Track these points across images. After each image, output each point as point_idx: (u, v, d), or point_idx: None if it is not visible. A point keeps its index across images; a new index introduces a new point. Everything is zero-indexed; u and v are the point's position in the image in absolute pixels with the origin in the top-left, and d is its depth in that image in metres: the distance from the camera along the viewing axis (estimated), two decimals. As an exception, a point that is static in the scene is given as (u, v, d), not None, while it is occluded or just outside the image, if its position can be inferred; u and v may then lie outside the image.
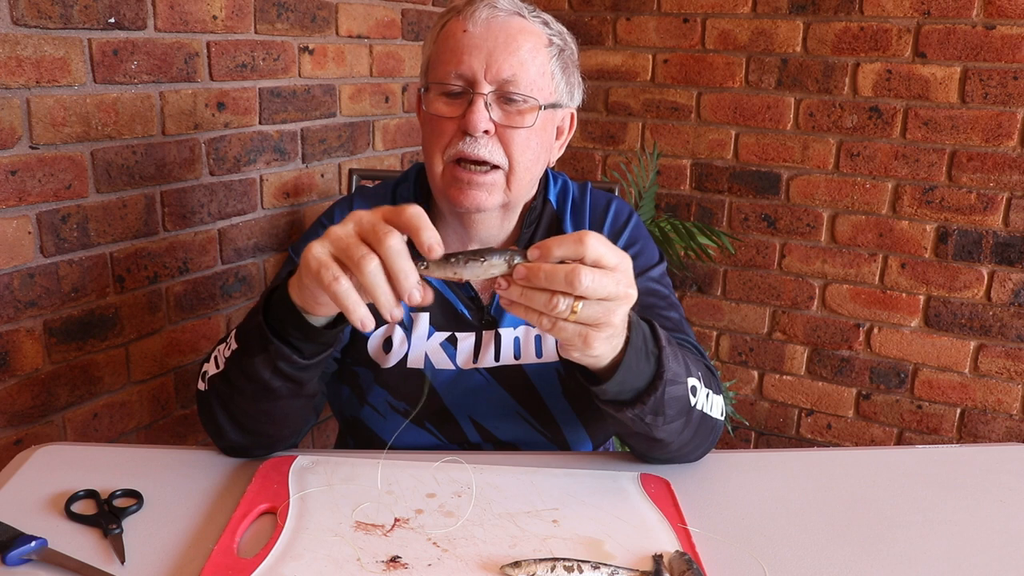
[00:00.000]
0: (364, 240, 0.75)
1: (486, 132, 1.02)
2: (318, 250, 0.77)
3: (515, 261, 0.77)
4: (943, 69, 2.11)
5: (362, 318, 0.76)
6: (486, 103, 1.02)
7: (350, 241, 0.76)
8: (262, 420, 0.95)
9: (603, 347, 0.81)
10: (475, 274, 0.78)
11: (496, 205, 1.07)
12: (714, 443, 1.02)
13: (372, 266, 0.74)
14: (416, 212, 0.75)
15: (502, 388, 1.12)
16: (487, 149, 1.02)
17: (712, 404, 0.98)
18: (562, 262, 0.76)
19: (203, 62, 1.63)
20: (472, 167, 1.04)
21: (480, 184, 1.04)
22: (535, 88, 1.04)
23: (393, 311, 0.75)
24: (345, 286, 0.75)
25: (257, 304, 0.91)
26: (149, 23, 1.51)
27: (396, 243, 0.74)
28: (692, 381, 0.93)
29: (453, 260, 0.77)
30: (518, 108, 1.04)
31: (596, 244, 0.76)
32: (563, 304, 0.75)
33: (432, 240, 0.74)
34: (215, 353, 0.97)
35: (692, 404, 0.93)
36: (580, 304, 0.76)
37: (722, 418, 1.02)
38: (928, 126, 2.15)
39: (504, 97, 1.03)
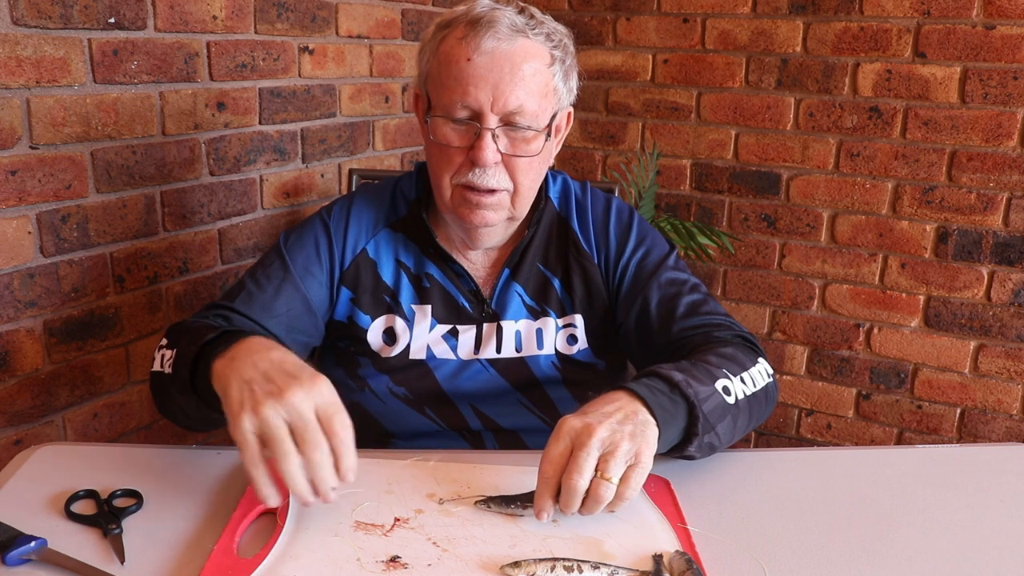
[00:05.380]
0: (293, 434, 0.78)
1: (494, 163, 1.05)
2: (247, 427, 0.78)
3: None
4: (943, 69, 2.11)
5: (265, 497, 0.79)
6: (493, 135, 1.04)
7: (279, 434, 0.77)
8: (211, 424, 0.98)
9: (650, 445, 0.85)
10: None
11: (502, 220, 1.11)
12: (773, 403, 1.08)
13: (294, 465, 0.77)
14: (344, 435, 0.79)
15: (503, 378, 1.13)
16: (495, 179, 1.06)
17: (752, 380, 1.01)
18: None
19: (203, 62, 1.63)
20: (481, 191, 1.07)
21: (487, 204, 1.08)
22: (540, 116, 1.06)
23: (309, 499, 0.79)
24: (262, 471, 0.78)
25: (186, 353, 0.93)
26: (149, 23, 1.51)
27: (321, 457, 0.78)
28: (721, 383, 0.96)
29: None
30: (524, 136, 1.06)
31: (583, 454, 0.81)
32: (602, 489, 0.81)
33: (347, 468, 0.79)
34: (162, 352, 0.99)
35: (731, 402, 0.96)
36: (609, 474, 0.81)
37: (770, 379, 1.05)
38: (928, 126, 2.15)
39: (510, 125, 1.05)
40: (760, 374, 1.03)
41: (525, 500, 0.85)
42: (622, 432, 0.82)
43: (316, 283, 1.13)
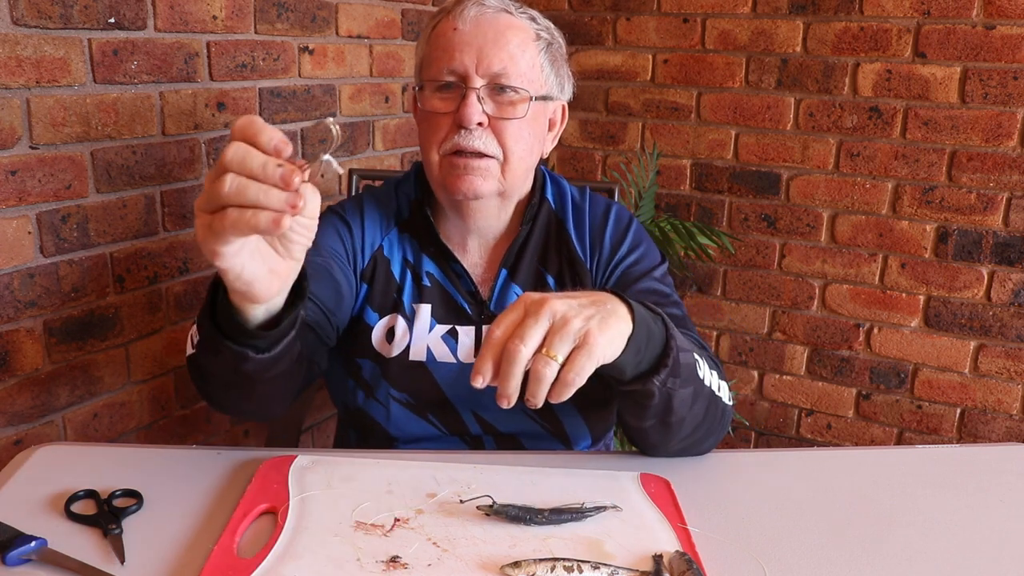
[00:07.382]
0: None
1: (479, 124, 1.06)
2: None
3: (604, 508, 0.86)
4: (943, 69, 2.11)
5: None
6: (478, 96, 1.05)
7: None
8: (244, 399, 0.96)
9: (608, 333, 0.79)
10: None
11: (492, 192, 1.10)
12: (725, 429, 1.03)
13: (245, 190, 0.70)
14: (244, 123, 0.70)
15: None
16: (481, 141, 1.06)
17: (719, 386, 0.99)
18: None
19: (203, 62, 1.63)
20: (468, 155, 1.07)
21: (475, 169, 1.07)
22: (525, 80, 1.08)
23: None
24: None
25: (204, 303, 0.87)
26: (149, 23, 1.51)
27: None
28: (695, 355, 0.94)
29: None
30: (510, 99, 1.07)
31: (531, 321, 0.77)
32: (541, 364, 0.76)
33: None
34: (189, 338, 0.95)
35: (700, 376, 0.94)
36: (553, 351, 0.76)
37: (730, 403, 1.02)
38: (928, 126, 2.15)
39: (496, 89, 1.07)
40: (726, 390, 1.01)
41: (532, 513, 0.84)
42: (579, 312, 0.78)
43: (345, 271, 1.12)
